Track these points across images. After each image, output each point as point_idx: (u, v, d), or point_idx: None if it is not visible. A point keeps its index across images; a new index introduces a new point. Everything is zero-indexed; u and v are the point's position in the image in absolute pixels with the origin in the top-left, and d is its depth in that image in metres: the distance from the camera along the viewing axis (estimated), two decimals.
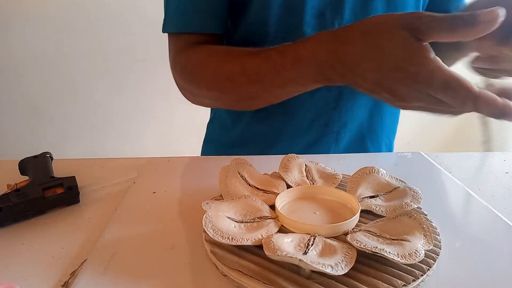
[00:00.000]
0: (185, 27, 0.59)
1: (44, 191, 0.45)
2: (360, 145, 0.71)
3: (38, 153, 0.56)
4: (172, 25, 0.60)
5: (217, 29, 0.61)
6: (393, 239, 0.35)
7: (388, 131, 0.73)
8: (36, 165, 0.52)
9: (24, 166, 0.53)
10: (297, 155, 0.52)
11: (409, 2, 0.62)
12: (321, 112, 0.65)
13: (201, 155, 0.82)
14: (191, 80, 0.58)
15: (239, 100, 0.57)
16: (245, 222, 0.38)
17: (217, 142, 0.78)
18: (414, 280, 0.31)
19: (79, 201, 0.48)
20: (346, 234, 0.37)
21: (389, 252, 0.32)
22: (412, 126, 2.20)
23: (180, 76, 0.60)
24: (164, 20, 0.61)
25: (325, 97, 0.64)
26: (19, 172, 0.54)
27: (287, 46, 0.48)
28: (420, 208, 0.42)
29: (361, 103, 0.67)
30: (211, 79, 0.55)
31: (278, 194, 0.42)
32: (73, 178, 0.48)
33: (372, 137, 0.57)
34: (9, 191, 0.46)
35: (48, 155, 0.56)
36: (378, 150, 0.72)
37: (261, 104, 0.56)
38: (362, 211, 0.41)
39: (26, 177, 0.52)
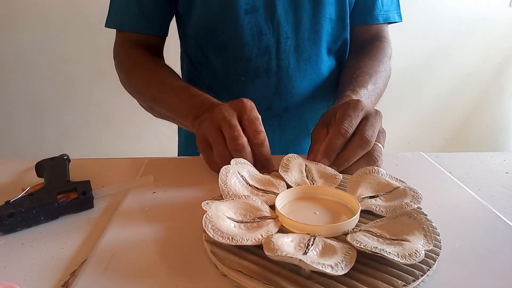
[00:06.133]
0: (121, 26, 0.72)
1: (57, 196, 0.44)
2: (305, 128, 0.77)
3: (56, 155, 0.56)
4: (111, 22, 0.72)
5: (150, 31, 0.72)
6: (393, 239, 0.35)
7: None
8: (52, 168, 0.51)
9: (41, 168, 0.53)
10: (297, 155, 0.52)
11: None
12: (263, 97, 0.73)
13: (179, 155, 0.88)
14: (123, 72, 0.72)
15: (143, 103, 0.71)
16: (245, 222, 0.38)
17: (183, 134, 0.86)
18: (414, 280, 0.31)
19: (93, 207, 0.46)
20: (346, 234, 0.37)
21: (389, 252, 0.32)
22: (412, 126, 2.20)
23: (117, 66, 0.73)
24: (107, 16, 0.72)
25: (265, 83, 0.72)
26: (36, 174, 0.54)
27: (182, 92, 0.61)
28: (420, 208, 0.42)
29: (300, 90, 0.72)
30: (133, 83, 0.70)
31: (278, 194, 0.42)
32: (87, 183, 0.47)
33: (314, 122, 0.59)
34: (23, 194, 0.44)
35: (65, 157, 0.55)
36: None
37: (155, 115, 0.70)
38: (362, 211, 0.41)
39: (42, 180, 0.51)
